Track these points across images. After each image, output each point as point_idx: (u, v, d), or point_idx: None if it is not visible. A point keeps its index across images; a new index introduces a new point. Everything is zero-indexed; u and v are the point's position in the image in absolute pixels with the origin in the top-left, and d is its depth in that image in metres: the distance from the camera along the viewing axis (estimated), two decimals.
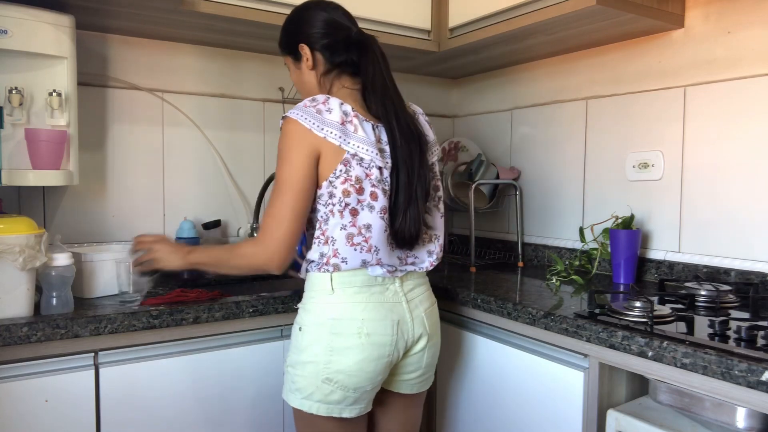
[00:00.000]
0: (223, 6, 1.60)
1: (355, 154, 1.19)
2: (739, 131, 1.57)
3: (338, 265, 1.21)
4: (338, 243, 1.20)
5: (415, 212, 1.22)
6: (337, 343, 1.20)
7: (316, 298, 1.23)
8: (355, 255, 1.20)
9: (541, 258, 2.11)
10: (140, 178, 1.87)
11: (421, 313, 1.29)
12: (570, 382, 1.29)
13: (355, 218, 1.20)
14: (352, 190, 1.19)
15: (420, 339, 1.28)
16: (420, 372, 1.32)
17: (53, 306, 1.30)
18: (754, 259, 1.54)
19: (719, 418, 1.07)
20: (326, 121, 1.18)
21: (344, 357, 1.19)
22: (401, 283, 1.27)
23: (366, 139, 1.20)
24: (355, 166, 1.19)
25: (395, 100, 1.26)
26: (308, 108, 1.19)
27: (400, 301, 1.26)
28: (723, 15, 1.60)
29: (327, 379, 1.20)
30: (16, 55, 1.43)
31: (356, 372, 1.20)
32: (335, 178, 1.19)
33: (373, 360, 1.21)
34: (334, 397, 1.20)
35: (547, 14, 1.62)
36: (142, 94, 1.86)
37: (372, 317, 1.21)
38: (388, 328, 1.22)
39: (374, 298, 1.23)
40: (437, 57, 2.11)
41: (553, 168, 2.09)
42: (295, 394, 1.23)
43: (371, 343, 1.20)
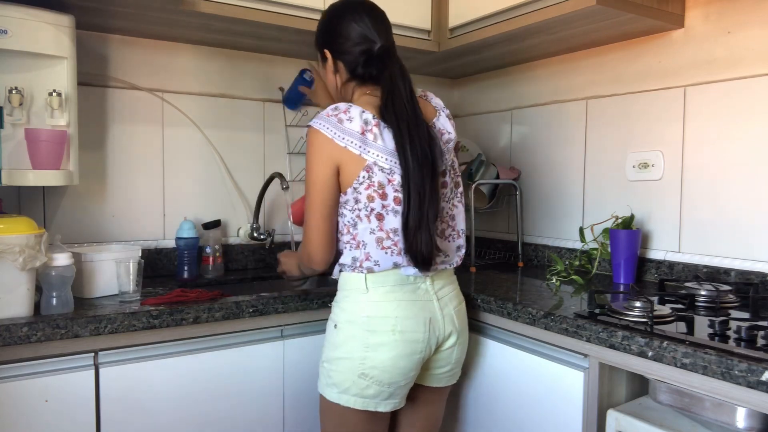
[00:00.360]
0: (222, 6, 1.60)
1: (375, 162, 1.23)
2: (739, 131, 1.57)
3: (371, 267, 1.26)
4: (369, 247, 1.25)
5: (427, 236, 1.23)
6: (371, 339, 1.24)
7: (351, 297, 1.28)
8: (387, 258, 1.25)
9: (541, 258, 2.11)
10: (140, 178, 1.87)
11: (452, 311, 1.33)
12: (570, 382, 1.29)
13: (382, 222, 1.24)
14: (376, 196, 1.23)
15: (450, 336, 1.33)
16: (450, 367, 1.37)
17: (53, 306, 1.30)
18: (754, 259, 1.54)
19: (719, 418, 1.07)
20: (347, 130, 1.22)
21: (378, 353, 1.24)
22: (432, 282, 1.31)
23: (385, 148, 1.23)
24: (377, 172, 1.23)
25: (410, 120, 1.24)
26: (330, 117, 1.23)
27: (431, 299, 1.30)
28: (723, 15, 1.60)
29: (362, 374, 1.24)
30: (16, 55, 1.43)
31: (390, 368, 1.24)
32: (359, 184, 1.23)
33: (406, 356, 1.25)
34: (370, 391, 1.25)
35: (548, 14, 1.62)
36: (142, 94, 1.86)
37: (405, 315, 1.26)
38: (420, 325, 1.27)
39: (407, 297, 1.27)
40: (437, 57, 2.11)
41: (553, 168, 2.09)
42: (332, 389, 1.28)
43: (404, 340, 1.25)
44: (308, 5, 1.73)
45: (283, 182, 1.87)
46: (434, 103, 1.38)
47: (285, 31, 1.78)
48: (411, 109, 1.26)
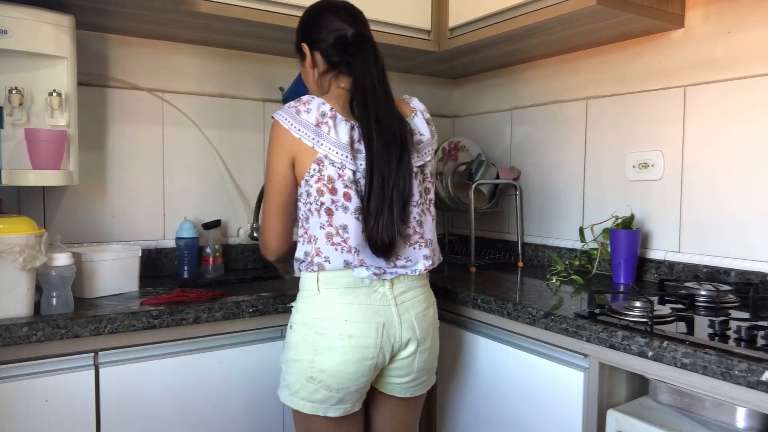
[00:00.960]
0: (222, 6, 1.60)
1: (326, 155, 1.20)
2: (739, 131, 1.57)
3: (322, 264, 1.22)
4: (320, 242, 1.23)
5: (389, 218, 1.19)
6: (320, 342, 1.21)
7: (305, 298, 1.26)
8: (337, 255, 1.22)
9: (541, 258, 2.11)
10: (140, 178, 1.87)
11: (411, 317, 1.26)
12: (570, 382, 1.29)
13: (331, 218, 1.22)
14: (326, 190, 1.21)
15: (409, 344, 1.26)
16: (412, 377, 1.30)
17: (53, 306, 1.30)
18: (754, 259, 1.54)
19: (719, 418, 1.07)
20: (302, 121, 1.21)
21: (326, 357, 1.20)
22: (391, 286, 1.26)
23: (337, 141, 1.20)
24: (327, 165, 1.20)
25: (381, 102, 1.24)
26: (290, 109, 1.23)
27: (388, 304, 1.24)
28: (723, 15, 1.60)
29: (311, 377, 1.21)
30: (16, 55, 1.43)
31: (337, 373, 1.20)
32: (310, 177, 1.22)
33: (354, 362, 1.21)
34: (318, 396, 1.22)
35: (547, 14, 1.62)
36: (142, 94, 1.86)
37: (355, 319, 1.21)
38: (371, 330, 1.22)
39: (359, 300, 1.23)
40: (437, 57, 2.11)
41: (553, 168, 2.09)
42: (284, 390, 1.27)
43: (353, 345, 1.20)
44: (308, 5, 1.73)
45: None
46: (413, 105, 1.36)
47: (285, 31, 1.77)
48: (382, 90, 1.26)
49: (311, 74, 1.36)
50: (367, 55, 1.27)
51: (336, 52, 1.30)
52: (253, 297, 1.49)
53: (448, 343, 1.62)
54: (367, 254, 1.22)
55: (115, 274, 1.53)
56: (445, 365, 1.64)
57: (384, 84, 1.28)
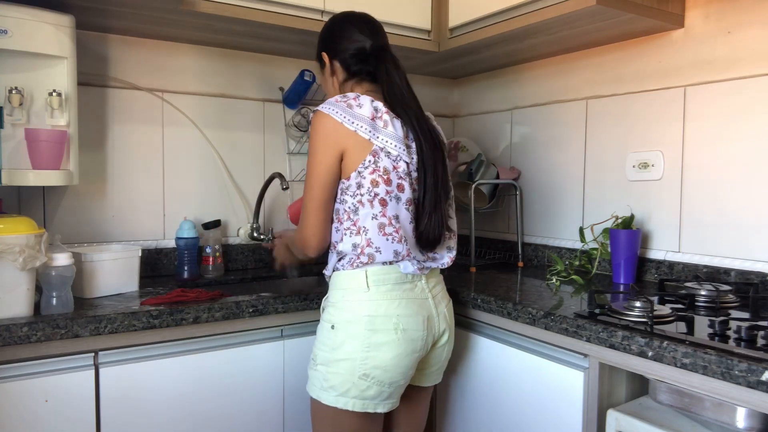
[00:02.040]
0: (222, 6, 1.60)
1: (383, 147, 1.25)
2: (739, 131, 1.57)
3: (372, 255, 1.25)
4: (371, 233, 1.25)
5: (440, 216, 1.28)
6: (374, 339, 1.24)
7: (351, 296, 1.27)
8: (388, 245, 1.25)
9: (541, 258, 2.11)
10: (140, 178, 1.87)
11: (444, 309, 1.35)
12: (570, 382, 1.29)
13: (385, 208, 1.25)
14: (381, 181, 1.25)
15: (444, 333, 1.35)
16: (439, 365, 1.40)
17: (53, 306, 1.30)
18: (754, 259, 1.54)
19: (719, 418, 1.07)
20: (357, 115, 1.25)
21: (381, 353, 1.24)
22: (426, 281, 1.32)
23: (395, 134, 1.27)
24: (383, 157, 1.25)
25: (413, 106, 1.32)
26: (339, 103, 1.26)
27: (427, 297, 1.31)
28: (723, 15, 1.60)
29: (364, 374, 1.24)
30: (16, 55, 1.43)
31: (392, 367, 1.24)
32: (364, 168, 1.24)
33: (407, 355, 1.26)
34: (371, 392, 1.25)
35: (547, 14, 1.62)
36: (142, 94, 1.86)
37: (406, 313, 1.27)
38: (420, 323, 1.28)
39: (406, 295, 1.28)
40: (437, 57, 2.11)
41: (553, 168, 2.09)
42: (329, 392, 1.26)
43: (406, 338, 1.26)
44: (308, 5, 1.74)
45: (283, 182, 1.87)
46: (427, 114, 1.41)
47: (285, 31, 1.78)
48: (411, 98, 1.33)
49: (330, 81, 1.42)
50: (389, 64, 1.34)
51: (354, 61, 1.36)
52: (253, 297, 1.49)
53: None
54: (412, 244, 1.29)
55: (115, 274, 1.53)
56: None
57: (409, 88, 1.34)
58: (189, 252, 1.80)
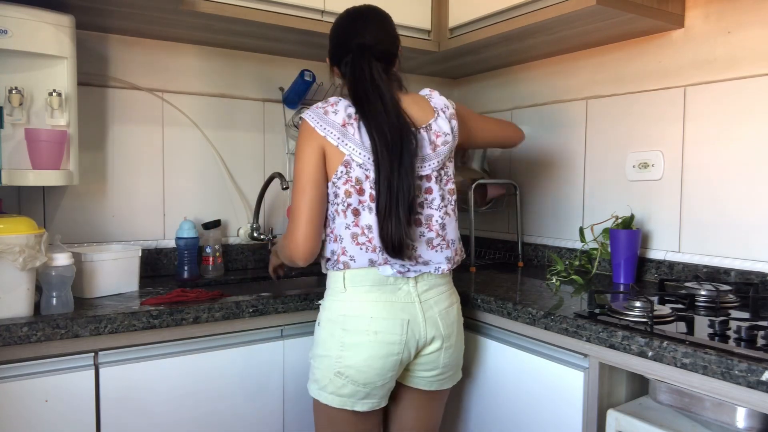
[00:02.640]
0: (222, 6, 1.60)
1: (351, 157, 1.24)
2: (739, 131, 1.57)
3: (347, 263, 1.26)
4: (345, 242, 1.26)
5: (396, 221, 1.20)
6: (347, 339, 1.25)
7: (331, 296, 1.30)
8: (362, 254, 1.25)
9: (541, 258, 2.11)
10: (140, 178, 1.87)
11: (435, 315, 1.30)
12: (570, 382, 1.29)
13: (357, 218, 1.25)
14: (353, 191, 1.24)
15: (434, 340, 1.30)
16: (438, 371, 1.34)
17: (53, 306, 1.30)
18: (754, 259, 1.54)
19: (719, 418, 1.07)
20: (329, 121, 1.24)
21: (353, 353, 1.24)
22: (415, 284, 1.29)
23: (361, 143, 1.23)
24: (355, 167, 1.24)
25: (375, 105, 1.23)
26: (318, 109, 1.27)
27: (412, 301, 1.28)
28: (723, 15, 1.60)
29: (338, 372, 1.25)
30: (16, 55, 1.43)
31: (365, 368, 1.24)
32: (337, 179, 1.25)
33: (381, 357, 1.24)
34: (346, 390, 1.26)
35: (547, 14, 1.62)
36: (142, 94, 1.86)
37: (381, 316, 1.25)
38: (396, 327, 1.25)
39: (384, 297, 1.26)
40: (437, 57, 2.11)
41: (553, 168, 2.09)
42: (313, 385, 1.31)
43: (379, 341, 1.24)
44: (308, 5, 1.74)
45: (283, 182, 1.87)
46: (434, 104, 1.34)
47: (285, 31, 1.78)
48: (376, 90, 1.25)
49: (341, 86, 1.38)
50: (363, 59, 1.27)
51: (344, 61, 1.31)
52: (253, 297, 1.49)
53: None
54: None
55: (115, 274, 1.53)
56: None
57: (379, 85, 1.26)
58: (189, 252, 1.80)
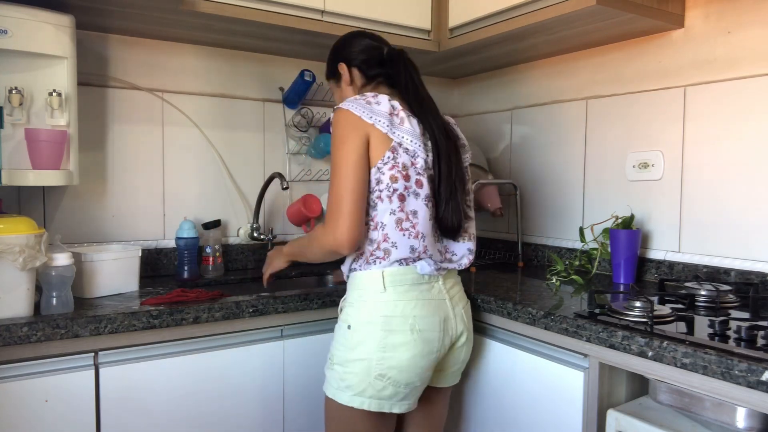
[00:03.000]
0: (222, 6, 1.60)
1: (401, 143, 1.26)
2: (739, 131, 1.57)
3: (388, 250, 1.26)
4: (388, 228, 1.26)
5: (456, 203, 1.30)
6: (390, 339, 1.24)
7: (367, 297, 1.27)
8: (404, 240, 1.26)
9: (541, 258, 2.11)
10: (140, 178, 1.87)
11: (461, 310, 1.35)
12: (570, 382, 1.29)
13: (403, 204, 1.26)
14: (399, 176, 1.26)
15: (461, 335, 1.35)
16: (457, 367, 1.40)
17: (53, 306, 1.30)
18: (754, 259, 1.54)
19: (719, 418, 1.07)
20: (375, 110, 1.26)
21: (397, 353, 1.24)
22: (444, 281, 1.33)
23: (412, 131, 1.28)
24: (401, 153, 1.26)
25: (430, 105, 1.36)
26: (358, 100, 1.28)
27: (444, 298, 1.32)
28: (723, 15, 1.60)
29: (380, 375, 1.24)
30: (16, 55, 1.43)
31: (408, 367, 1.24)
32: (383, 164, 1.25)
33: (424, 355, 1.26)
34: (387, 392, 1.25)
35: (547, 14, 1.62)
36: (142, 94, 1.86)
37: (422, 314, 1.27)
38: (436, 324, 1.28)
39: (423, 296, 1.28)
40: (437, 57, 2.11)
41: (553, 168, 2.09)
42: (345, 392, 1.27)
43: (423, 339, 1.26)
44: (308, 5, 1.74)
45: (283, 182, 1.87)
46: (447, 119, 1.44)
47: (285, 31, 1.78)
48: (426, 93, 1.38)
49: (349, 91, 1.43)
50: (406, 66, 1.39)
51: (373, 65, 1.40)
52: (253, 297, 1.49)
53: None
54: (429, 242, 1.29)
55: (115, 274, 1.53)
56: None
57: (425, 90, 1.38)
58: (189, 252, 1.80)
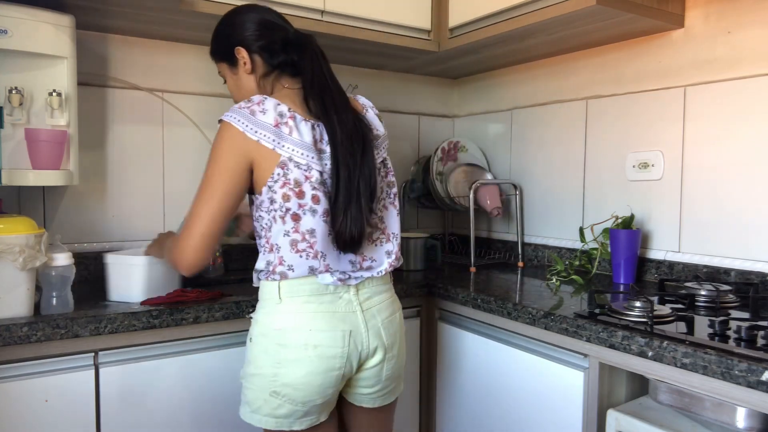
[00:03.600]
0: (222, 6, 1.60)
1: (290, 157, 1.14)
2: (739, 131, 1.57)
3: (285, 273, 1.16)
4: (283, 250, 1.16)
5: (357, 211, 1.15)
6: (283, 355, 1.14)
7: (265, 308, 1.18)
8: (302, 262, 1.15)
9: (541, 258, 2.11)
10: (140, 178, 1.87)
11: (378, 324, 1.22)
12: (570, 382, 1.29)
13: (298, 223, 1.15)
14: (292, 194, 1.14)
15: (376, 351, 1.21)
16: (380, 386, 1.25)
17: (53, 306, 1.30)
18: (754, 259, 1.54)
19: (719, 418, 1.07)
20: (259, 123, 1.14)
21: (291, 370, 1.14)
22: (356, 292, 1.20)
23: (301, 142, 1.15)
24: (293, 168, 1.14)
25: (336, 97, 1.20)
26: (242, 110, 1.15)
27: (354, 311, 1.19)
28: (723, 15, 1.60)
29: (274, 392, 1.15)
30: (16, 55, 1.43)
31: (303, 386, 1.14)
32: (273, 182, 1.14)
33: (320, 373, 1.15)
34: (282, 411, 1.16)
35: (547, 14, 1.62)
36: (142, 94, 1.86)
37: (320, 328, 1.15)
38: (338, 339, 1.16)
39: (324, 308, 1.17)
40: (437, 57, 2.11)
41: (553, 168, 2.09)
42: (245, 408, 1.21)
43: (318, 355, 1.14)
44: (308, 5, 1.74)
45: None
46: (362, 102, 1.31)
47: None
48: (335, 86, 1.23)
49: (249, 80, 1.28)
50: (312, 51, 1.23)
51: (278, 52, 1.25)
52: (253, 297, 1.48)
53: (448, 343, 1.61)
54: (332, 258, 1.18)
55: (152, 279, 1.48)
56: (445, 365, 1.64)
57: (335, 80, 1.24)
58: None
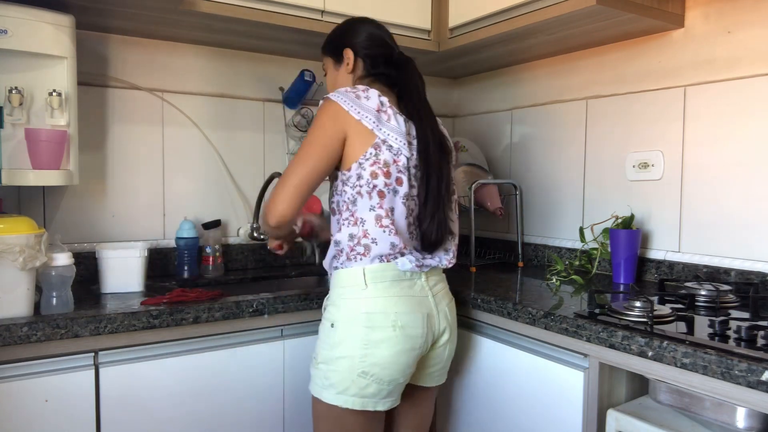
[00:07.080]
0: (222, 6, 1.60)
1: (384, 140, 1.26)
2: (739, 131, 1.57)
3: (369, 246, 1.26)
4: (368, 224, 1.26)
5: (442, 218, 1.31)
6: (372, 336, 1.24)
7: (349, 294, 1.27)
8: (384, 237, 1.26)
9: (541, 258, 2.11)
10: (140, 178, 1.87)
11: (445, 308, 1.35)
12: (570, 382, 1.29)
13: (383, 200, 1.26)
14: (380, 173, 1.26)
15: (444, 331, 1.35)
16: (441, 365, 1.39)
17: (53, 306, 1.31)
18: (754, 259, 1.54)
19: (719, 418, 1.07)
20: (363, 105, 1.26)
21: (379, 350, 1.24)
22: (426, 279, 1.32)
23: (397, 128, 1.28)
24: (384, 150, 1.26)
25: (426, 108, 1.35)
26: (349, 93, 1.28)
27: (426, 295, 1.31)
28: (723, 15, 1.60)
29: (363, 372, 1.24)
30: (16, 55, 1.43)
31: (391, 364, 1.24)
32: (365, 160, 1.25)
33: (406, 351, 1.26)
34: (370, 390, 1.25)
35: (547, 14, 1.62)
36: (142, 94, 1.86)
37: (404, 310, 1.27)
38: (418, 321, 1.28)
39: (405, 292, 1.28)
40: (437, 57, 2.11)
41: (553, 168, 2.09)
42: (329, 390, 1.27)
43: (405, 335, 1.25)
44: (308, 5, 1.74)
45: None
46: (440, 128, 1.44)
47: (285, 31, 1.78)
48: (428, 107, 1.37)
49: (347, 78, 1.42)
50: (412, 70, 1.39)
51: (379, 63, 1.39)
52: (253, 297, 1.49)
53: None
54: (406, 238, 1.30)
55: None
56: None
57: (428, 103, 1.38)
58: (189, 252, 1.80)
